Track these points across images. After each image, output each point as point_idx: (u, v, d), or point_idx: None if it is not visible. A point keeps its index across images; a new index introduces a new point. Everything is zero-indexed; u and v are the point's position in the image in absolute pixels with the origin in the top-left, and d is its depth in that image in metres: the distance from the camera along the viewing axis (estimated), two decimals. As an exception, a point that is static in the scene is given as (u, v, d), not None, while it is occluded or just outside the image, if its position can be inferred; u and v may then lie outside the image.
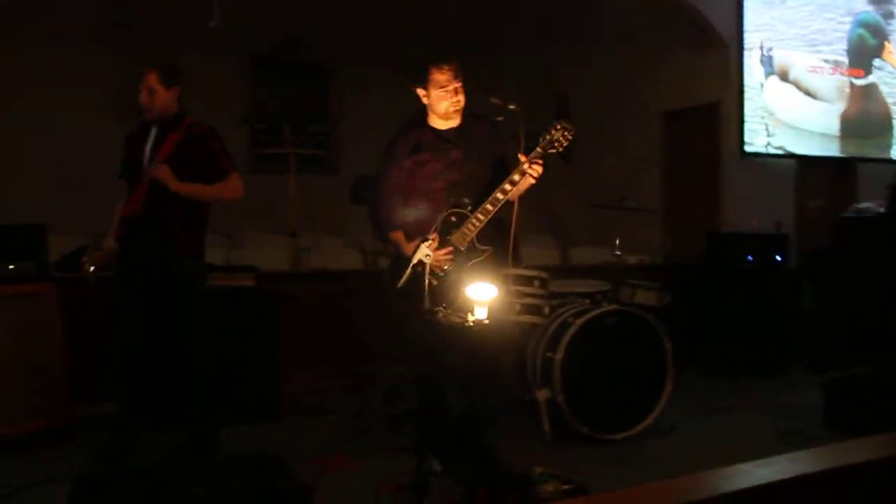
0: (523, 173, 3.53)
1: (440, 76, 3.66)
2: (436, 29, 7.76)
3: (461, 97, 3.70)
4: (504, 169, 3.64)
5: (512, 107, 3.62)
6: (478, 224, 3.57)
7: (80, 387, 4.60)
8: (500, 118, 3.69)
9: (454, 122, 3.77)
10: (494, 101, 3.64)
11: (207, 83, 7.86)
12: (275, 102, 8.34)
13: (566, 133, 3.55)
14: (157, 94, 3.90)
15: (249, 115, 7.70)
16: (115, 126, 7.37)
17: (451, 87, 3.66)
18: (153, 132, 3.97)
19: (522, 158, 3.53)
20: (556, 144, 3.56)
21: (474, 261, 3.60)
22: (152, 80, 3.89)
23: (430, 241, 3.41)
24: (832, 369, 5.77)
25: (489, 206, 3.56)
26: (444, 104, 3.68)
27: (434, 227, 3.52)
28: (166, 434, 4.14)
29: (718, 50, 7.41)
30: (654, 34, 7.87)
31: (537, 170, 3.55)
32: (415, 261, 3.38)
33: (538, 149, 3.56)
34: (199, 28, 6.17)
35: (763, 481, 1.57)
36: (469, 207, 3.63)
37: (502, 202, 3.56)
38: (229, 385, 4.60)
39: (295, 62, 8.56)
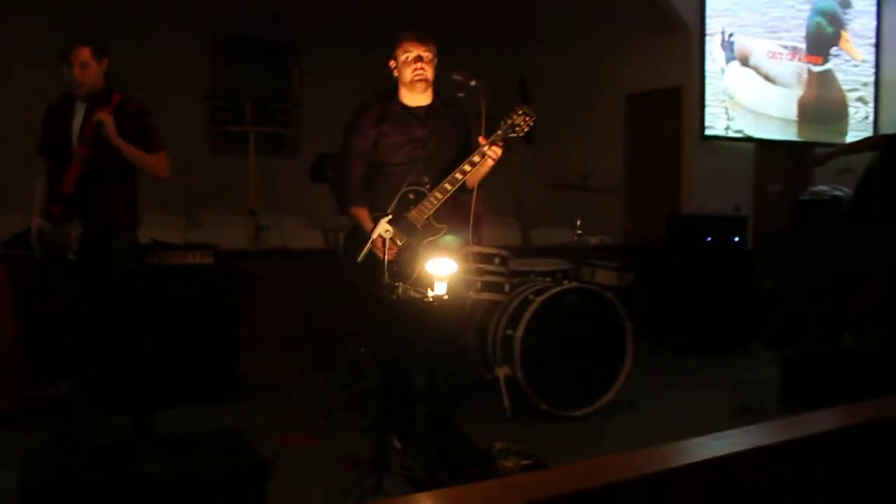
0: (483, 155, 3.53)
1: (408, 44, 3.67)
2: (404, 9, 7.72)
3: (427, 68, 3.67)
4: (467, 153, 3.63)
5: (473, 83, 3.60)
6: (435, 202, 3.56)
7: (33, 368, 4.51)
8: (461, 94, 3.66)
9: (423, 101, 3.74)
10: (456, 77, 3.62)
11: (169, 59, 7.76)
12: (237, 80, 8.21)
13: (527, 118, 3.59)
14: (90, 69, 3.76)
15: (210, 93, 7.58)
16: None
17: (414, 54, 3.65)
18: (79, 107, 3.82)
19: (482, 141, 3.54)
20: (516, 129, 3.60)
21: (430, 238, 3.58)
22: (85, 54, 3.74)
23: (389, 216, 3.39)
24: (788, 347, 5.88)
25: (447, 185, 3.55)
26: (407, 71, 3.66)
27: (393, 204, 3.49)
28: (121, 417, 4.07)
29: (681, 35, 7.46)
30: (620, 19, 7.91)
31: (496, 152, 3.56)
32: (374, 236, 3.35)
33: (499, 132, 3.58)
34: (163, 3, 6.05)
35: (718, 454, 1.58)
36: (428, 185, 3.61)
37: (460, 182, 3.56)
38: (187, 365, 4.55)
39: (259, 40, 8.45)
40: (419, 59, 3.66)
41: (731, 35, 7.65)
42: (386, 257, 3.30)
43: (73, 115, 3.83)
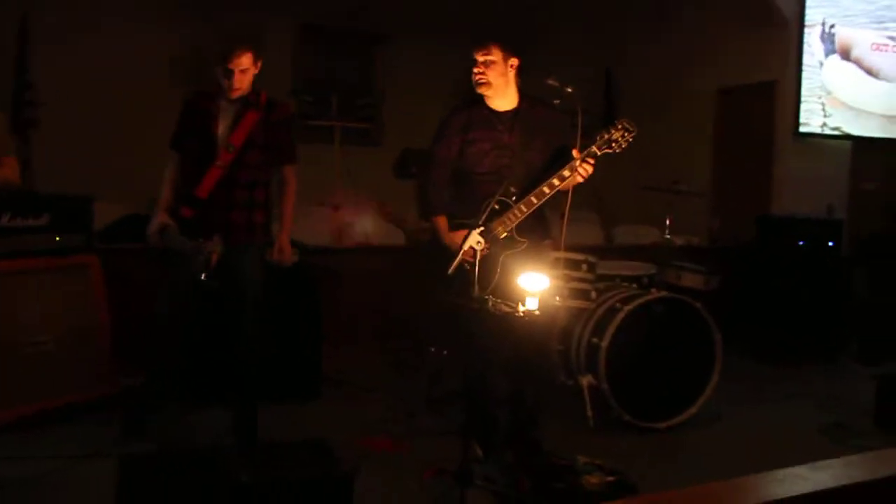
0: (573, 170, 3.45)
1: (474, 52, 3.62)
2: (488, 3, 7.67)
3: (487, 71, 3.59)
4: (561, 158, 3.56)
5: (569, 89, 3.54)
6: (519, 215, 3.52)
7: (125, 357, 4.66)
8: (557, 101, 3.60)
9: (509, 104, 3.68)
10: (552, 83, 3.56)
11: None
12: (322, 72, 8.28)
13: (626, 134, 3.45)
14: (248, 73, 3.62)
15: (297, 87, 7.66)
16: (161, 92, 7.50)
17: (473, 57, 3.60)
18: (225, 107, 3.72)
19: (576, 154, 3.46)
20: (613, 145, 3.46)
21: (510, 252, 3.55)
22: (247, 60, 3.58)
23: (481, 228, 3.37)
24: (882, 361, 5.68)
25: (533, 199, 3.50)
26: (472, 77, 3.62)
27: (481, 216, 3.45)
28: (207, 410, 4.19)
29: (778, 27, 7.21)
30: (712, 11, 7.70)
31: (587, 170, 3.47)
32: (465, 247, 3.34)
33: (593, 147, 3.47)
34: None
35: (819, 487, 1.51)
36: (514, 197, 3.56)
37: (548, 196, 3.50)
38: (274, 362, 4.63)
39: (343, 30, 8.49)
40: (475, 63, 3.60)
41: (832, 27, 7.36)
42: (477, 269, 3.28)
43: (217, 115, 3.71)
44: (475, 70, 3.61)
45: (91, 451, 3.77)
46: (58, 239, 4.37)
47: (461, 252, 3.38)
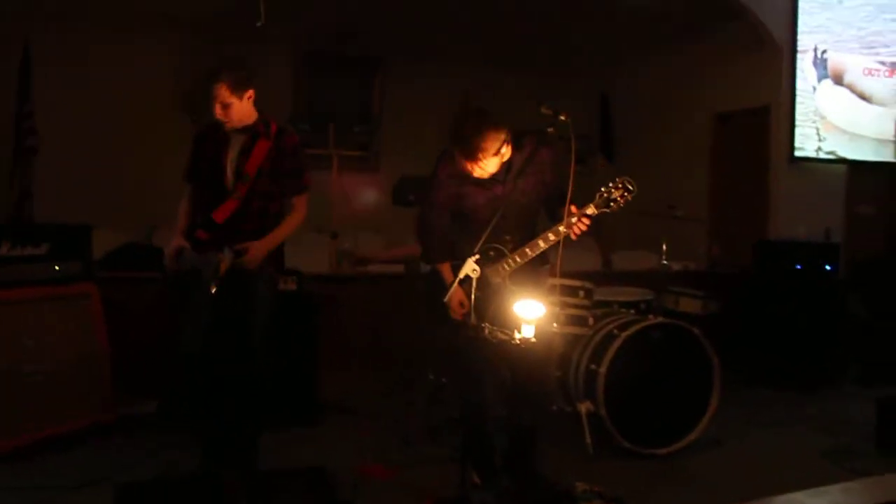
0: (569, 227, 3.41)
1: (462, 161, 3.47)
2: (482, 25, 7.73)
3: (486, 166, 3.46)
4: (558, 189, 3.53)
5: (562, 117, 3.52)
6: (513, 265, 3.53)
7: (124, 384, 4.67)
8: (550, 129, 3.60)
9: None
10: (545, 111, 3.55)
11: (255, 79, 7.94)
12: (319, 99, 8.35)
13: (626, 193, 3.39)
14: (232, 107, 3.62)
15: (295, 115, 7.71)
16: (160, 122, 7.57)
17: (486, 160, 3.44)
18: (234, 138, 3.73)
19: (573, 210, 3.41)
20: (611, 204, 3.40)
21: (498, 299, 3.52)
22: (223, 93, 3.59)
23: (477, 257, 3.36)
24: (882, 383, 5.67)
25: (528, 251, 3.50)
26: (478, 173, 3.50)
27: (477, 248, 3.43)
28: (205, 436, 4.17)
29: (771, 52, 7.28)
30: (706, 37, 7.77)
31: (582, 228, 3.41)
32: (461, 275, 3.34)
33: (591, 207, 3.40)
34: (247, 21, 6.18)
35: None
36: (510, 245, 3.55)
37: (542, 249, 3.50)
38: (273, 389, 4.62)
39: (340, 55, 8.56)
40: (479, 162, 3.44)
41: (823, 52, 7.43)
42: (472, 298, 3.29)
43: (227, 146, 3.73)
44: (476, 167, 3.44)
45: (88, 480, 3.76)
46: (57, 268, 4.39)
47: (456, 280, 3.39)
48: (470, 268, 3.35)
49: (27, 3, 7.16)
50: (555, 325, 4.38)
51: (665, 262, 5.17)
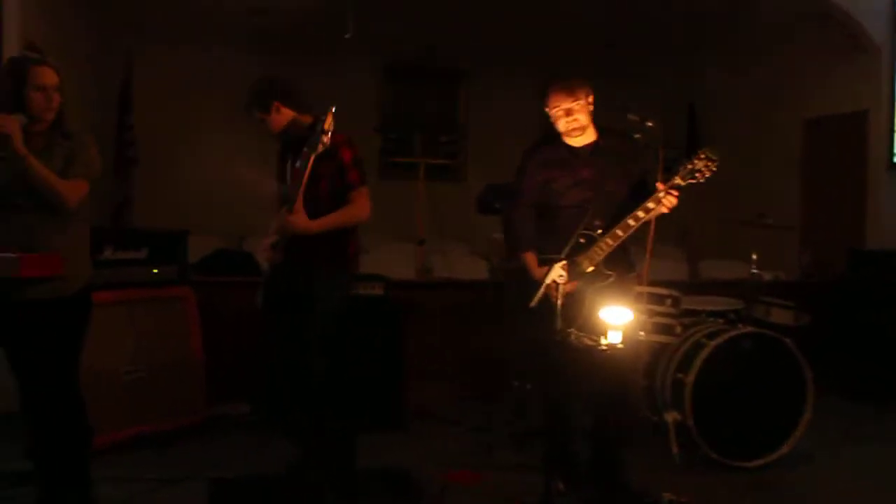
0: (658, 202, 3.42)
1: (556, 98, 3.59)
2: (567, 34, 7.71)
3: (579, 116, 3.59)
4: (643, 189, 3.55)
5: (650, 123, 3.53)
6: (606, 248, 3.50)
7: (215, 386, 4.81)
8: (637, 135, 3.59)
9: (587, 139, 3.69)
10: (632, 117, 3.56)
11: (341, 89, 8.12)
12: (405, 109, 8.49)
13: (709, 163, 3.38)
14: (269, 122, 3.77)
15: (381, 124, 7.85)
16: (251, 134, 7.79)
17: (562, 107, 3.58)
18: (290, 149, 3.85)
19: (660, 186, 3.43)
20: (696, 175, 3.40)
21: (596, 286, 3.52)
22: (258, 115, 3.78)
23: (563, 262, 3.36)
24: None
25: (619, 232, 3.48)
26: (560, 124, 3.62)
27: (566, 249, 3.45)
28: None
29: (870, 55, 7.04)
30: (800, 40, 7.58)
31: (672, 201, 3.42)
32: (548, 280, 3.34)
33: (677, 178, 3.41)
34: (333, 35, 6.34)
35: None
36: (599, 230, 3.56)
37: (634, 229, 3.48)
38: (359, 393, 4.70)
39: (425, 67, 8.67)
40: (569, 112, 3.58)
41: (925, 54, 7.14)
42: (559, 302, 3.28)
43: (294, 153, 3.78)
44: (569, 119, 3.59)
45: (183, 476, 3.90)
46: (155, 271, 4.56)
47: (544, 286, 3.38)
48: (557, 272, 3.34)
49: (129, 21, 7.49)
50: (641, 332, 4.32)
51: (755, 271, 5.05)
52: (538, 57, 8.22)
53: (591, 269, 3.53)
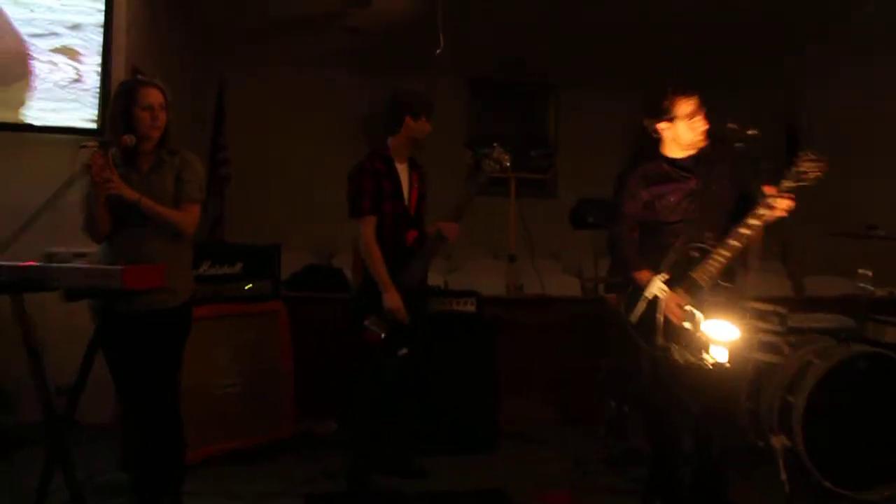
0: (770, 207, 3.31)
1: (688, 107, 3.50)
2: (657, 45, 7.59)
3: (702, 125, 3.52)
4: (748, 200, 3.43)
5: (751, 132, 3.41)
6: (722, 261, 3.38)
7: (304, 403, 4.86)
8: (738, 144, 3.48)
9: (690, 150, 3.61)
10: (732, 126, 3.45)
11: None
12: (494, 124, 8.51)
13: (817, 164, 3.25)
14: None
15: (471, 140, 7.87)
16: (338, 151, 7.95)
17: (690, 109, 3.50)
18: (401, 168, 4.12)
19: (769, 191, 3.31)
20: (803, 176, 3.27)
21: (714, 300, 3.42)
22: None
23: (663, 275, 3.27)
24: None
25: (733, 242, 3.37)
26: (690, 136, 3.52)
27: (666, 261, 3.35)
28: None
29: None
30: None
31: (787, 203, 3.30)
32: (648, 295, 3.26)
33: (786, 182, 3.29)
34: (423, 51, 6.39)
35: None
36: (711, 241, 3.45)
37: (747, 238, 3.36)
38: (447, 412, 4.69)
39: (513, 82, 8.69)
40: (695, 117, 3.49)
41: None
42: (661, 317, 3.19)
43: (397, 175, 4.10)
44: (692, 125, 3.49)
45: (277, 491, 3.93)
46: (249, 286, 4.64)
47: (644, 301, 3.30)
48: (657, 287, 3.26)
49: (222, 41, 7.74)
50: (747, 351, 4.18)
51: (866, 287, 4.82)
52: (628, 69, 8.14)
53: (708, 283, 3.42)
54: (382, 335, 3.84)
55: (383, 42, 7.55)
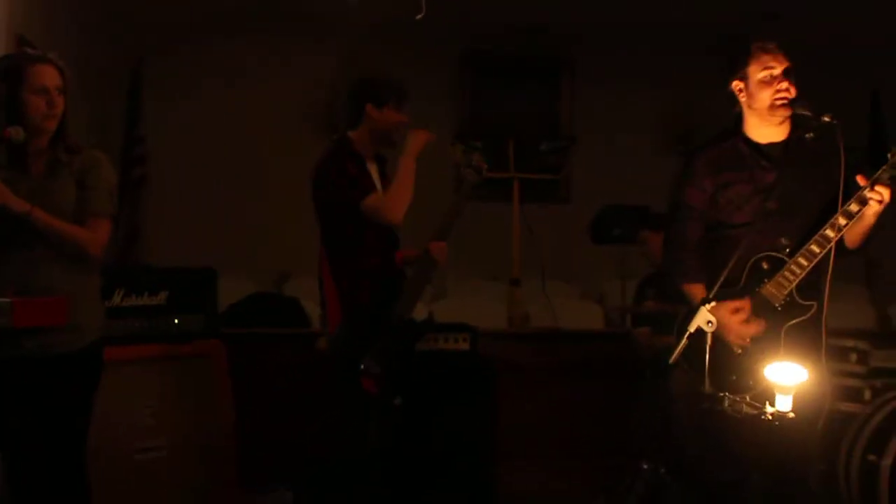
0: (863, 201, 3.35)
1: (766, 57, 3.55)
2: (703, 9, 7.66)
3: (792, 88, 3.54)
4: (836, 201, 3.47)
5: (826, 118, 3.47)
6: (799, 272, 3.42)
7: (250, 469, 4.85)
8: (809, 134, 3.53)
9: (779, 135, 3.63)
10: (802, 111, 3.51)
11: (412, 87, 8.23)
12: (492, 110, 8.54)
13: None
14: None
15: (461, 131, 7.90)
16: (293, 146, 7.98)
17: (778, 70, 3.53)
18: (372, 165, 4.24)
19: (861, 181, 3.36)
20: None
21: (792, 322, 3.46)
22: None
23: (711, 304, 3.30)
24: None
25: (814, 248, 3.41)
26: (766, 94, 3.54)
27: (718, 281, 3.40)
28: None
29: None
30: None
31: (882, 194, 3.33)
32: (692, 329, 3.29)
33: (882, 171, 3.35)
34: (398, 15, 6.44)
35: None
36: (787, 249, 3.50)
37: (833, 240, 3.40)
38: (437, 472, 4.71)
39: (516, 55, 8.71)
40: (785, 75, 3.54)
41: None
42: (708, 356, 3.22)
43: (371, 179, 4.19)
44: (781, 86, 3.53)
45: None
46: (177, 321, 4.64)
47: (686, 335, 3.33)
48: (703, 318, 3.29)
49: (137, 13, 7.71)
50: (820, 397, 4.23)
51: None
52: (664, 35, 8.17)
53: (782, 300, 3.45)
54: (383, 381, 3.91)
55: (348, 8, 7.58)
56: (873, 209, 3.39)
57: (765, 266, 3.50)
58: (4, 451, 3.32)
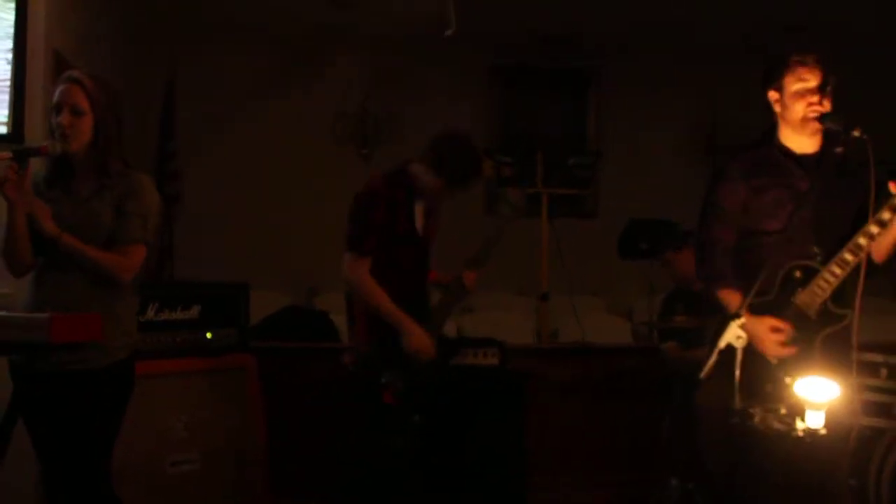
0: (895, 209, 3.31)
1: (802, 70, 3.53)
2: (734, 15, 7.61)
3: (827, 103, 3.52)
4: (863, 214, 3.44)
5: (856, 133, 3.44)
6: (832, 281, 3.38)
7: (281, 483, 4.86)
8: (838, 150, 3.51)
9: (812, 146, 3.62)
10: (830, 125, 3.49)
11: (438, 100, 8.23)
12: (520, 125, 8.55)
13: None
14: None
15: (491, 146, 7.89)
16: (327, 162, 8.02)
17: (812, 84, 3.52)
18: (418, 205, 4.26)
19: (894, 188, 3.33)
20: None
21: (827, 331, 3.43)
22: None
23: (741, 319, 3.28)
24: None
25: (848, 256, 3.37)
26: (799, 106, 3.53)
27: (751, 292, 3.37)
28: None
29: None
30: None
31: None
32: (721, 345, 3.26)
33: None
34: (432, 37, 6.47)
35: None
36: (819, 257, 3.47)
37: (865, 250, 3.37)
38: (466, 489, 4.70)
39: (543, 68, 8.71)
40: (820, 90, 3.52)
41: None
42: (738, 372, 3.19)
43: (411, 206, 4.24)
44: (814, 99, 3.51)
45: None
46: (209, 336, 4.66)
47: (716, 351, 3.30)
48: (732, 334, 3.26)
49: (171, 25, 7.76)
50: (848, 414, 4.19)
51: None
52: (693, 48, 8.14)
53: (816, 309, 3.42)
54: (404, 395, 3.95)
55: (383, 24, 7.61)
56: None
57: (798, 275, 3.46)
58: (42, 463, 3.35)
